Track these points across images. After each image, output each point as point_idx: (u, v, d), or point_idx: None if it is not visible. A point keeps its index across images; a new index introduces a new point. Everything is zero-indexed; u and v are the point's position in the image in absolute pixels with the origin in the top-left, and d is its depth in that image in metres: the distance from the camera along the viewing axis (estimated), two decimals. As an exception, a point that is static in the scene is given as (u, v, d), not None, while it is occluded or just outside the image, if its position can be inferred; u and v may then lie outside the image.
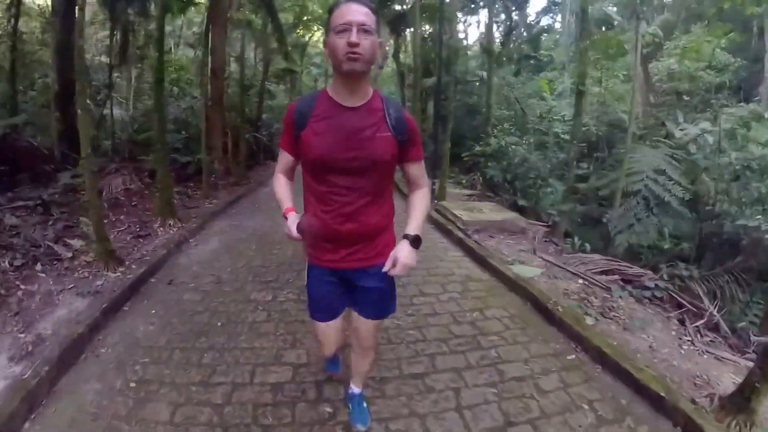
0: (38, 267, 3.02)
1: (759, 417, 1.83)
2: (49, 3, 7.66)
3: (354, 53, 1.17)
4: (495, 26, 12.23)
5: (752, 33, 12.47)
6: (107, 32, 10.77)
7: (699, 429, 1.81)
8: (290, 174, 1.47)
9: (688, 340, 2.96)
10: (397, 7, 10.69)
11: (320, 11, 12.66)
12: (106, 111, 8.04)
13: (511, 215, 4.79)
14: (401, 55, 13.29)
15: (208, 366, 2.14)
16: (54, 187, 4.29)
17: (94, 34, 10.63)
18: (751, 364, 2.88)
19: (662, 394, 1.99)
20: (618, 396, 2.03)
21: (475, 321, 2.62)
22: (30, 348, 2.23)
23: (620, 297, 3.29)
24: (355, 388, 1.77)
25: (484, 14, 12.64)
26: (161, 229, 4.09)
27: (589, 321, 2.71)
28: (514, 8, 12.42)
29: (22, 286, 2.80)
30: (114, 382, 2.02)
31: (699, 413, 1.88)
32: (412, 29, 9.41)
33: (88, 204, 3.17)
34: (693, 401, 1.99)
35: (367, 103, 1.30)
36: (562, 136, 6.92)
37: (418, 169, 1.44)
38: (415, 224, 1.38)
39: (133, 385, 1.99)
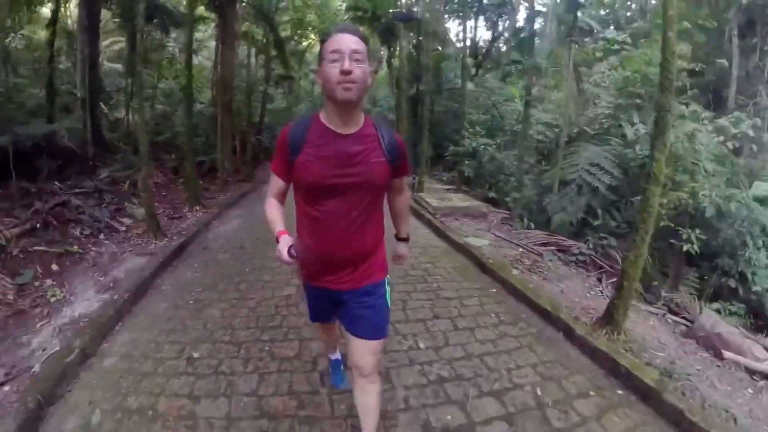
0: (102, 236, 4.00)
1: (621, 326, 2.75)
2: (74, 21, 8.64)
3: (347, 81, 1.21)
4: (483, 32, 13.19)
5: (723, 38, 13.49)
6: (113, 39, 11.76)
7: (573, 331, 2.77)
8: (282, 198, 1.50)
9: (599, 291, 3.94)
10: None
11: (317, 20, 13.72)
12: (119, 114, 8.97)
13: (475, 203, 5.79)
14: (394, 61, 14.31)
15: (243, 290, 3.20)
16: (98, 179, 5.26)
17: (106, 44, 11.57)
18: (653, 309, 3.86)
19: (549, 309, 2.98)
20: (518, 311, 3.01)
21: (427, 269, 3.64)
22: (111, 285, 3.20)
23: (550, 260, 4.27)
24: None
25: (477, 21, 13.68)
26: (190, 213, 5.09)
27: (514, 272, 3.70)
28: (501, 16, 13.46)
29: (93, 249, 3.78)
30: (177, 302, 3.01)
31: (575, 322, 2.83)
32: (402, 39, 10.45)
33: (141, 190, 4.17)
34: (576, 318, 2.97)
35: (360, 129, 1.34)
36: (536, 137, 7.90)
37: (402, 182, 1.56)
38: (405, 228, 1.72)
39: (191, 302, 2.99)
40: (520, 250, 4.41)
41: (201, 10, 8.65)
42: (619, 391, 2.16)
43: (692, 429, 1.86)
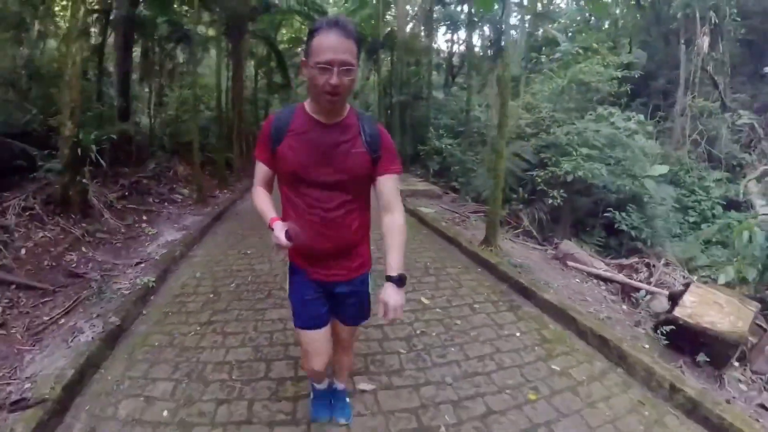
0: (166, 204, 5.91)
1: (494, 244, 4.68)
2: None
3: (334, 93, 1.24)
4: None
5: (670, 43, 15.57)
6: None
7: (462, 246, 4.67)
8: (269, 186, 1.52)
9: (509, 239, 5.89)
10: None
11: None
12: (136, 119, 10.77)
13: (433, 188, 7.76)
14: (379, 73, 16.36)
15: (267, 233, 5.11)
16: (150, 168, 7.14)
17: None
18: (538, 246, 5.80)
19: (452, 236, 4.93)
20: (436, 240, 4.97)
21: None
22: (183, 228, 5.10)
23: (474, 221, 6.22)
24: (339, 384, 1.89)
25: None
26: (220, 194, 7.02)
27: (443, 224, 5.65)
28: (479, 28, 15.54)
29: (164, 210, 5.68)
30: (228, 236, 4.94)
31: (468, 242, 4.77)
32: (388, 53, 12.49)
33: (194, 171, 6.09)
34: (470, 241, 4.91)
35: (343, 119, 1.37)
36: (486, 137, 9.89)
37: (391, 186, 1.44)
38: (396, 262, 1.40)
39: (238, 235, 4.92)
40: (456, 214, 6.38)
41: (212, 32, 10.60)
42: (478, 268, 4.09)
43: (515, 284, 3.65)
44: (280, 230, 1.32)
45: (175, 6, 9.39)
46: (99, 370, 2.33)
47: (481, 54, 16.68)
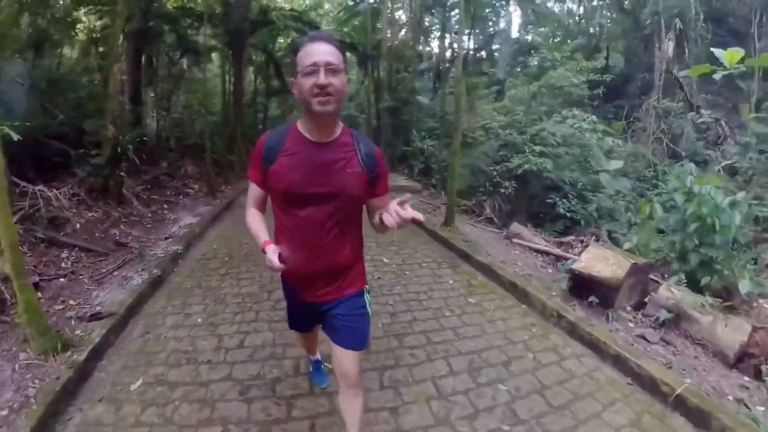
0: (181, 196, 6.96)
1: (452, 226, 5.74)
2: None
3: (324, 94, 1.25)
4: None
5: (647, 48, 16.62)
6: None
7: (429, 229, 5.75)
8: (262, 207, 1.56)
9: (471, 224, 6.93)
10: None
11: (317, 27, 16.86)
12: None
13: (413, 183, 8.82)
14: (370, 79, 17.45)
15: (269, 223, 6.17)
16: (162, 166, 8.18)
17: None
18: (495, 229, 6.84)
19: (423, 221, 5.98)
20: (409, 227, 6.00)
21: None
22: (198, 215, 6.16)
23: (444, 210, 7.26)
24: None
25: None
26: (225, 189, 8.07)
27: (433, 220, 6.67)
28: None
29: (180, 201, 6.73)
30: (235, 223, 5.97)
31: (431, 225, 5.81)
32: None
33: (205, 169, 7.14)
34: (433, 224, 5.96)
35: (337, 138, 1.39)
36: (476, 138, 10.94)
37: (382, 203, 1.44)
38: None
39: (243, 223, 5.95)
40: (430, 206, 7.43)
41: (215, 43, 11.67)
42: (435, 243, 5.14)
43: (459, 252, 4.76)
44: (272, 253, 1.33)
45: (182, 21, 10.43)
46: (148, 302, 3.38)
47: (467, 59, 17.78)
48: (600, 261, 3.65)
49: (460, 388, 2.34)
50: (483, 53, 18.36)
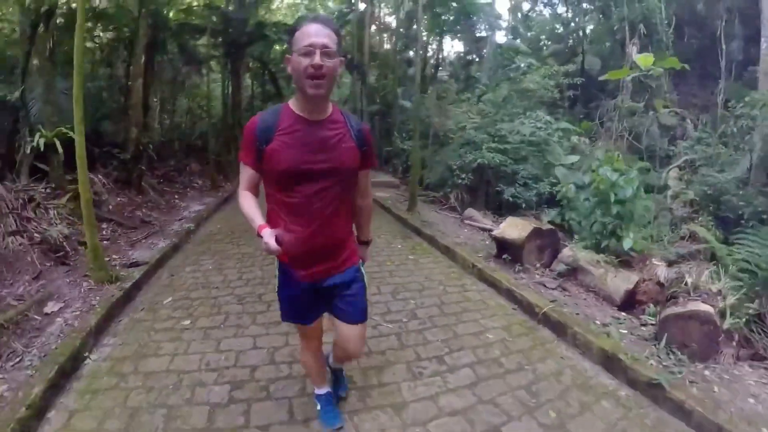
0: (188, 189, 8.20)
1: (415, 211, 6.96)
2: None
3: (317, 76, 1.33)
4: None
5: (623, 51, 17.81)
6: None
7: (393, 213, 7.00)
8: (255, 190, 1.58)
9: (435, 212, 8.13)
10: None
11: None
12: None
13: (393, 179, 10.05)
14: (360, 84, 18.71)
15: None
16: (169, 164, 9.39)
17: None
18: (455, 215, 8.06)
19: (388, 207, 7.22)
20: (376, 211, 7.23)
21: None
22: (204, 204, 7.40)
23: (420, 201, 8.48)
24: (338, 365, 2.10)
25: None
26: (225, 184, 9.30)
27: (389, 202, 7.90)
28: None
29: (188, 193, 7.97)
30: (236, 210, 7.18)
31: (397, 210, 7.06)
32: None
33: (208, 167, 8.38)
34: (399, 210, 7.18)
35: (329, 116, 1.48)
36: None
37: (367, 178, 1.66)
38: (367, 231, 1.84)
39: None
40: (404, 198, 8.64)
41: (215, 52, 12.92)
42: (397, 222, 6.36)
43: (413, 228, 5.99)
44: (269, 236, 1.34)
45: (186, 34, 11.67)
46: (170, 259, 4.60)
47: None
48: (512, 227, 4.82)
49: (382, 300, 3.54)
50: (473, 56, 19.66)
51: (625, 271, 3.97)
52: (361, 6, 14.44)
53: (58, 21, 5.38)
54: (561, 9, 20.47)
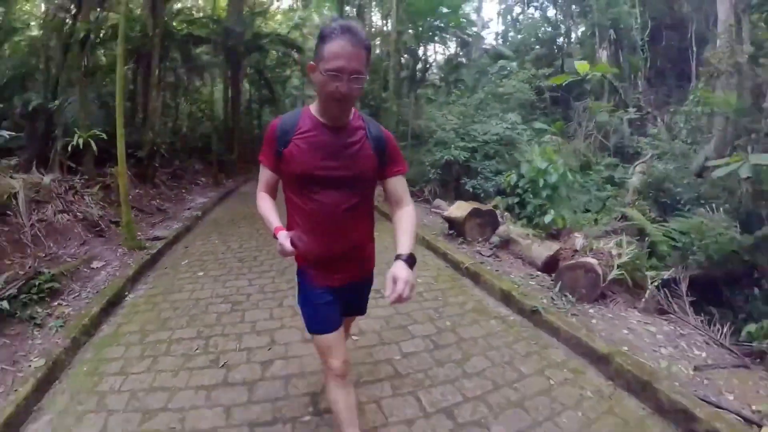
0: (193, 186, 9.31)
1: None
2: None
3: (343, 99, 1.32)
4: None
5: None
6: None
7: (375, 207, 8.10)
8: (273, 192, 1.57)
9: (416, 200, 9.22)
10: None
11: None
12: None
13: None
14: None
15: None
16: (176, 164, 10.48)
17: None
18: (428, 207, 9.15)
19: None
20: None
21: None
22: (208, 196, 8.51)
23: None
24: None
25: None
26: (226, 181, 10.41)
27: (378, 198, 8.99)
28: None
29: (193, 188, 9.08)
30: (236, 203, 8.32)
31: (377, 201, 8.14)
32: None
33: (211, 166, 9.49)
34: (377, 200, 8.27)
35: (350, 123, 1.45)
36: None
37: (400, 185, 1.56)
38: (406, 243, 1.45)
39: (242, 201, 8.31)
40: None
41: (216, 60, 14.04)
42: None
43: (384, 215, 7.08)
44: (284, 239, 1.35)
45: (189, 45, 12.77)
46: (184, 237, 5.69)
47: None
48: (457, 209, 5.84)
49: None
50: (462, 59, 20.77)
51: (549, 242, 5.00)
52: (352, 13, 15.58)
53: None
54: (551, 12, 21.47)
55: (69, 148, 5.49)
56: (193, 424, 2.06)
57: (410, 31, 14.96)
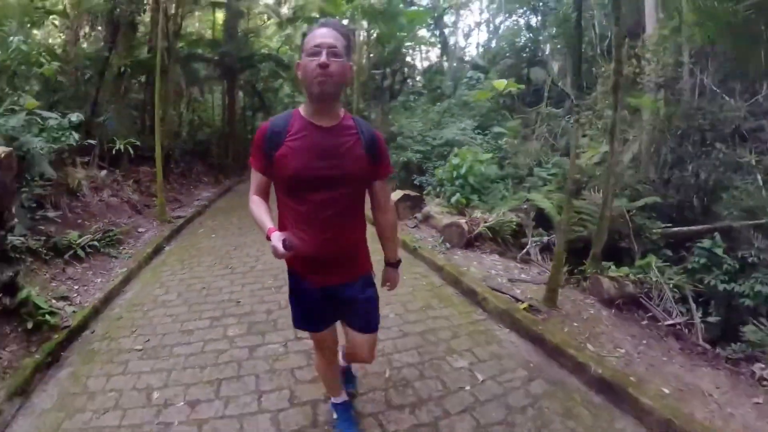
0: (198, 184, 11.44)
1: None
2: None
3: (323, 75, 1.35)
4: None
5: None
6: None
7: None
8: (265, 195, 1.61)
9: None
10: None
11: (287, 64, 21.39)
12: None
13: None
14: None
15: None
16: (181, 166, 12.56)
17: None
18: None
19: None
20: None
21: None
22: (211, 192, 10.65)
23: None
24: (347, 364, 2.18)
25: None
26: (225, 181, 12.54)
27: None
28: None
29: (199, 185, 11.21)
30: (234, 198, 10.47)
31: None
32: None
33: (211, 168, 11.63)
34: None
35: (340, 122, 1.49)
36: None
37: (385, 187, 1.64)
38: (394, 251, 1.80)
39: (240, 196, 10.47)
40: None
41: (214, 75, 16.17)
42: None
43: None
44: (277, 240, 1.36)
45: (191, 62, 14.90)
46: (197, 218, 7.85)
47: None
48: (394, 195, 8.00)
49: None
50: (444, 65, 22.90)
51: (456, 217, 7.18)
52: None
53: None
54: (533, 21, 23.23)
55: (113, 152, 7.61)
56: (213, 286, 4.25)
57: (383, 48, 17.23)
